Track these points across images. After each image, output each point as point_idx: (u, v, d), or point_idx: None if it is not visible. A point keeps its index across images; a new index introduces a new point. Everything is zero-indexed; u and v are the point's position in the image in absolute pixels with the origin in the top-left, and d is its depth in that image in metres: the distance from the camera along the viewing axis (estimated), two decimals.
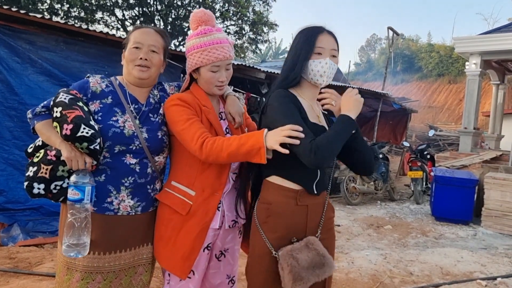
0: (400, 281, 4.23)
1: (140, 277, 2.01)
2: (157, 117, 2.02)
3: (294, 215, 1.86)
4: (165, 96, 2.09)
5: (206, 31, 1.97)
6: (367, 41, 48.13)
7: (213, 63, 1.94)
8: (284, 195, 1.86)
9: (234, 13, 17.45)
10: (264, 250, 1.84)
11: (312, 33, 1.89)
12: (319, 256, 1.80)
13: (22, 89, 5.16)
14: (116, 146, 1.87)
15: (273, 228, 1.85)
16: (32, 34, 5.39)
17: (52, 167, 1.78)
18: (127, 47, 1.98)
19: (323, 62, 1.86)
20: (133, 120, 1.93)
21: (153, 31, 2.02)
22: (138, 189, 1.94)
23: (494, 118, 15.64)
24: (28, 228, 4.86)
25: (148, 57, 1.95)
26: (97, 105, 1.91)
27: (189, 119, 1.88)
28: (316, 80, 1.89)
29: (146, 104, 2.01)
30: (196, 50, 1.95)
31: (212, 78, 1.96)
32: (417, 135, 22.13)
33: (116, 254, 1.91)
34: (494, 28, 14.48)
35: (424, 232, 6.48)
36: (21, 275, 3.83)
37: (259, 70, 9.00)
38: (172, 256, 1.94)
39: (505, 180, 6.48)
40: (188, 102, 1.93)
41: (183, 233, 1.92)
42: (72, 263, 1.87)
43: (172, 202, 1.95)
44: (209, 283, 2.12)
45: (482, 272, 4.60)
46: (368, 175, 8.51)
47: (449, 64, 31.85)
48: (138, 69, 1.95)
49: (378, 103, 14.20)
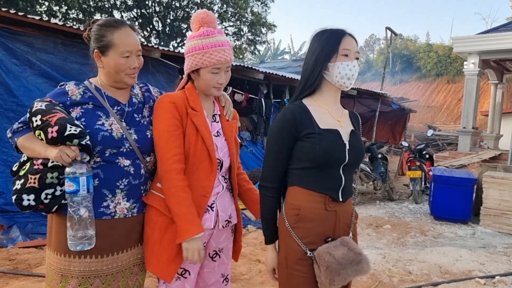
0: (399, 280, 4.24)
1: (136, 277, 2.01)
2: (142, 117, 1.99)
3: (324, 220, 1.81)
4: (150, 97, 2.07)
5: (208, 33, 1.95)
6: (366, 42, 48.16)
7: (213, 66, 1.93)
8: (313, 200, 1.80)
9: (233, 14, 17.50)
10: (300, 255, 1.78)
11: (336, 35, 1.82)
12: (354, 253, 1.76)
13: (20, 91, 5.17)
14: (107, 149, 1.83)
15: (303, 233, 1.79)
16: (31, 36, 5.41)
17: (40, 176, 1.72)
18: (108, 52, 1.86)
19: (351, 64, 1.79)
20: (119, 122, 1.89)
21: (133, 32, 1.92)
22: (133, 190, 1.92)
23: (493, 118, 15.67)
24: (27, 229, 4.87)
25: (138, 63, 1.91)
26: (78, 111, 1.83)
27: (168, 131, 1.89)
28: (343, 83, 1.82)
29: (128, 104, 1.96)
30: (198, 52, 1.93)
31: (211, 80, 1.96)
32: (416, 135, 22.13)
33: (114, 256, 1.89)
34: (492, 28, 14.52)
35: (423, 232, 6.48)
36: (20, 277, 3.83)
37: (257, 71, 9.02)
38: (158, 259, 1.92)
39: (504, 179, 6.48)
40: (176, 104, 1.92)
41: (168, 235, 1.91)
42: (67, 269, 1.82)
43: (159, 204, 1.94)
44: (203, 282, 2.12)
45: (481, 270, 4.61)
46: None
47: (447, 64, 31.89)
48: (129, 76, 1.90)
49: (376, 103, 14.25)
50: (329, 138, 1.78)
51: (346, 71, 1.79)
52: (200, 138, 1.93)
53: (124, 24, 1.90)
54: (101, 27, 1.87)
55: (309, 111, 1.83)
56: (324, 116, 1.85)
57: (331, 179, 1.82)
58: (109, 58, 1.86)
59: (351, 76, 1.80)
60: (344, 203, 1.86)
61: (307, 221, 1.79)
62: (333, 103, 1.91)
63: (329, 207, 1.80)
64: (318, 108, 1.86)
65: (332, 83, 1.84)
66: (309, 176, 1.81)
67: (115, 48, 1.84)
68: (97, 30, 1.87)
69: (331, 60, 1.80)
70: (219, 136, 2.06)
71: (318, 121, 1.81)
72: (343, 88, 1.86)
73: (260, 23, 18.07)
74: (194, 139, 1.92)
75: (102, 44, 1.85)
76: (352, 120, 1.98)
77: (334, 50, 1.80)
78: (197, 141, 1.93)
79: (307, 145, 1.77)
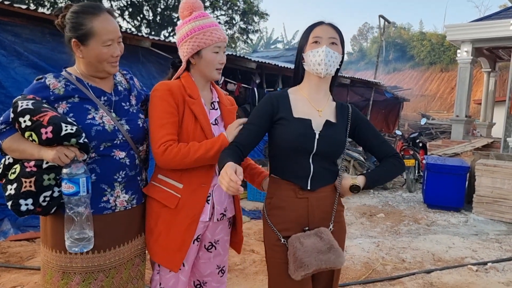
0: (392, 268, 4.26)
1: (138, 267, 2.01)
2: (130, 105, 1.94)
3: (295, 207, 1.88)
4: (135, 85, 2.02)
5: (204, 15, 1.99)
6: (359, 30, 48.05)
7: (215, 44, 1.96)
8: (284, 188, 1.90)
9: (224, 2, 17.32)
10: (274, 240, 1.89)
11: (309, 27, 1.91)
12: (324, 244, 1.78)
13: (8, 83, 5.10)
14: (101, 144, 1.77)
15: (276, 219, 1.90)
16: (18, 26, 5.32)
17: (36, 178, 1.63)
18: (89, 41, 1.73)
19: (320, 50, 1.84)
20: (109, 114, 1.82)
21: (112, 17, 1.80)
22: (130, 182, 1.90)
23: (486, 106, 15.70)
24: (19, 222, 4.83)
25: (120, 50, 1.82)
26: (64, 106, 1.73)
27: (162, 118, 1.86)
28: (316, 70, 1.86)
29: (114, 93, 1.89)
30: (197, 33, 1.93)
31: (215, 60, 1.97)
32: (409, 124, 22.18)
33: (116, 250, 1.87)
34: (486, 16, 14.47)
35: (416, 220, 6.51)
36: (12, 270, 3.82)
37: (250, 60, 8.97)
38: (164, 250, 1.94)
39: (496, 166, 6.52)
40: (173, 91, 1.90)
41: (173, 227, 1.92)
42: (68, 266, 1.77)
43: (160, 196, 1.94)
44: (199, 273, 2.14)
45: (473, 257, 4.64)
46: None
47: (441, 52, 31.89)
48: (111, 65, 1.81)
49: (370, 92, 14.25)
50: (297, 126, 1.84)
51: (316, 57, 1.84)
52: (199, 127, 1.93)
53: (103, 9, 1.78)
54: (78, 15, 1.73)
55: (288, 98, 1.92)
56: (302, 104, 1.91)
57: (299, 168, 1.88)
58: (90, 47, 1.74)
59: (320, 62, 1.84)
60: (315, 191, 1.88)
61: (279, 208, 1.90)
62: (316, 92, 1.95)
63: (299, 194, 1.87)
64: (299, 97, 1.94)
65: (311, 72, 1.90)
66: (280, 164, 1.92)
67: (97, 37, 1.73)
68: (74, 17, 1.73)
69: (304, 51, 1.90)
70: (216, 124, 2.04)
71: (294, 109, 1.89)
72: (320, 74, 1.88)
73: (252, 12, 17.92)
74: (193, 128, 1.91)
75: (81, 33, 1.72)
76: (337, 112, 1.98)
77: (305, 41, 1.90)
78: (195, 129, 1.92)
79: (277, 131, 1.87)
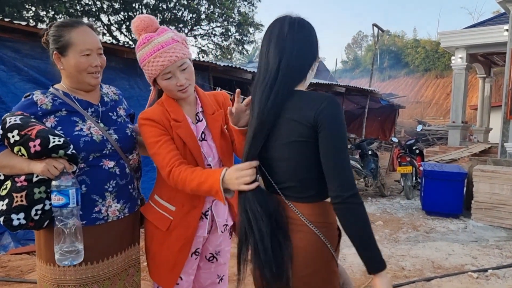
0: (392, 276, 4.26)
1: (133, 278, 2.01)
2: (118, 116, 1.97)
3: None
4: (123, 100, 2.08)
5: (145, 40, 1.82)
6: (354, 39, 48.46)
7: (162, 72, 1.81)
8: None
9: (220, 14, 17.45)
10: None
11: None
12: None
13: (8, 98, 5.11)
14: (90, 154, 1.79)
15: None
16: (18, 42, 5.34)
17: (26, 193, 1.64)
18: (67, 52, 1.80)
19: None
20: (96, 124, 1.85)
21: (91, 30, 1.86)
22: (121, 191, 1.91)
23: (482, 111, 15.79)
24: (19, 236, 4.82)
25: (99, 62, 1.85)
26: (52, 120, 1.77)
27: (158, 142, 1.83)
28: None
29: (101, 104, 1.93)
30: (144, 63, 1.84)
31: (169, 85, 1.84)
32: (405, 131, 22.26)
33: (109, 260, 1.88)
34: (479, 22, 14.61)
35: (415, 227, 6.52)
36: (13, 284, 3.81)
37: (245, 71, 9.01)
38: (158, 269, 1.98)
39: (494, 172, 6.53)
40: (156, 120, 1.86)
41: (165, 248, 1.94)
42: (62, 279, 1.78)
43: (153, 217, 1.96)
44: (199, 284, 2.14)
45: (473, 264, 4.65)
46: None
47: (435, 59, 32.13)
48: (91, 76, 1.84)
49: (365, 100, 14.30)
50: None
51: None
52: (188, 151, 1.90)
53: (82, 23, 1.85)
54: (58, 28, 1.82)
55: None
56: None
57: None
58: (69, 58, 1.80)
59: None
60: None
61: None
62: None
63: None
64: None
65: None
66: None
67: (74, 47, 1.79)
68: (54, 31, 1.82)
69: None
70: (205, 140, 1.98)
71: None
72: None
73: (248, 23, 18.06)
74: (183, 151, 1.89)
75: (60, 44, 1.79)
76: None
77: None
78: (185, 153, 1.89)
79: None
